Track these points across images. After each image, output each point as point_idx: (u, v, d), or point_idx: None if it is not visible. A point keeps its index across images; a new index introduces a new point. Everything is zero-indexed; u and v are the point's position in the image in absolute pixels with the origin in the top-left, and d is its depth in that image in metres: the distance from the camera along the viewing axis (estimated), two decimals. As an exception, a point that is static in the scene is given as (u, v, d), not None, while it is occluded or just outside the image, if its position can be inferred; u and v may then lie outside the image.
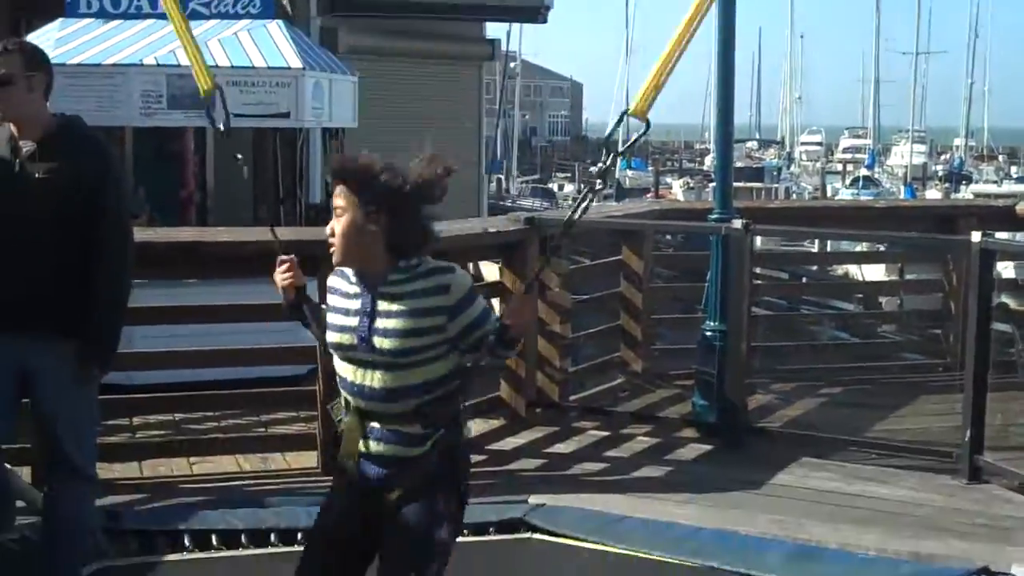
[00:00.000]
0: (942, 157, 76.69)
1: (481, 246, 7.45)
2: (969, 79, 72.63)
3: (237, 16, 11.91)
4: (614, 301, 8.54)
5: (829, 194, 53.11)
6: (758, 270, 11.82)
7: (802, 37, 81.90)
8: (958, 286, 8.76)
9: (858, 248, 13.87)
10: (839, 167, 69.44)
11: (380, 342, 4.18)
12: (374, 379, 4.24)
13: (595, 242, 10.95)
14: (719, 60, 7.51)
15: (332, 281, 4.38)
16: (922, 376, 9.03)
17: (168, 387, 7.03)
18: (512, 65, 55.60)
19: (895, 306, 11.33)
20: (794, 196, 52.29)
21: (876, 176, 60.72)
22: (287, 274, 4.47)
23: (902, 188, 54.49)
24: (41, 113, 4.53)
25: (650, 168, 67.85)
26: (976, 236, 6.33)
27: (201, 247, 6.34)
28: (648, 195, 48.52)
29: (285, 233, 7.84)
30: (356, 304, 4.26)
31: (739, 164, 49.20)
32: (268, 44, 11.46)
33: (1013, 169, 73.29)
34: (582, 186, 60.17)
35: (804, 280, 14.16)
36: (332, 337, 4.32)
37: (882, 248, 11.01)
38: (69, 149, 4.48)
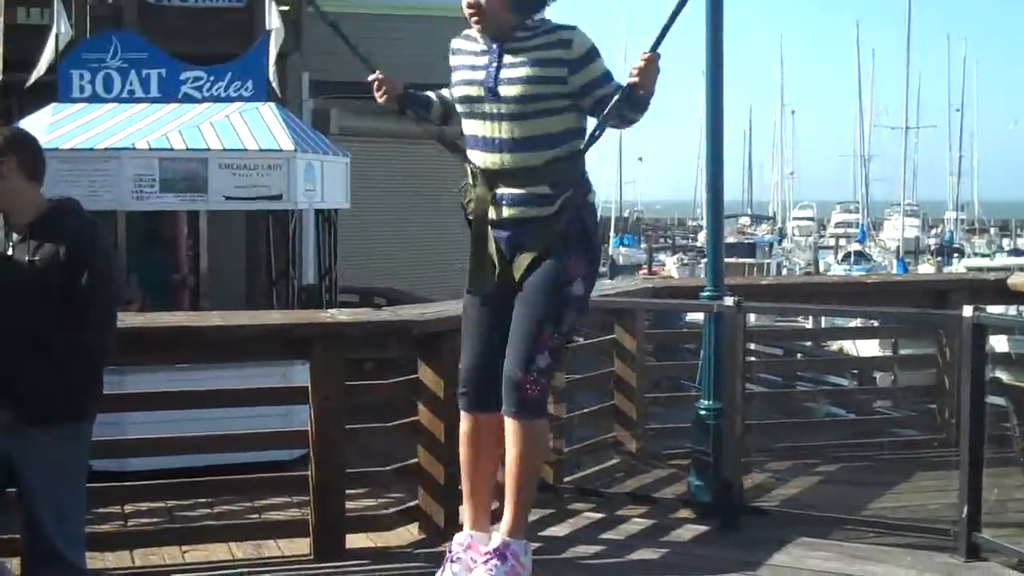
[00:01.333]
0: (934, 231, 76.98)
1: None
2: (956, 153, 73.10)
3: (229, 99, 11.99)
4: (608, 380, 8.52)
5: (822, 269, 53.17)
6: (752, 346, 11.82)
7: (793, 113, 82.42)
8: (952, 361, 8.74)
9: (851, 324, 13.89)
10: (831, 242, 69.63)
11: (506, 90, 4.48)
12: (502, 129, 4.52)
13: (588, 320, 10.94)
14: (708, 136, 7.54)
15: (457, 43, 4.78)
16: (918, 452, 8.98)
17: (161, 473, 6.97)
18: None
19: (889, 382, 11.28)
20: (786, 271, 52.40)
21: (868, 250, 60.88)
22: (380, 91, 4.99)
23: (894, 262, 54.63)
24: (24, 197, 4.50)
25: (643, 245, 68.00)
26: (968, 311, 6.31)
27: (193, 332, 6.30)
28: (641, 272, 48.56)
29: (277, 316, 7.86)
30: (483, 60, 4.59)
31: (731, 240, 49.34)
32: (260, 127, 11.52)
33: (1005, 242, 73.56)
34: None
35: (798, 356, 14.10)
36: (459, 91, 4.66)
37: (875, 323, 11.02)
38: (57, 232, 4.46)
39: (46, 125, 10.98)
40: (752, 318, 17.05)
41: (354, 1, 17.18)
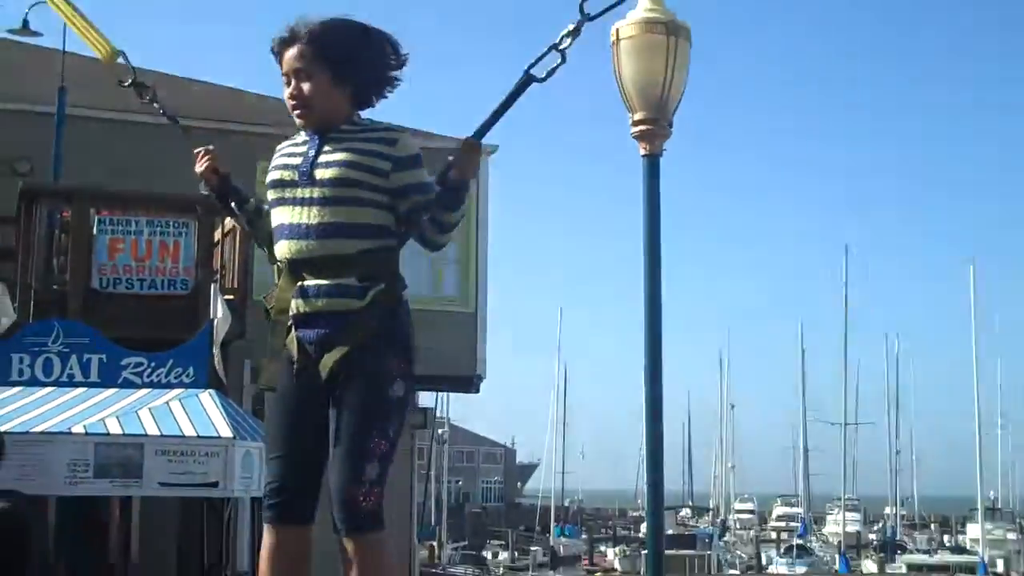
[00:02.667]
0: (876, 526, 76.94)
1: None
2: (895, 450, 73.79)
3: (170, 386, 11.97)
4: None
5: (764, 563, 52.83)
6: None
7: (733, 407, 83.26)
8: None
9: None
10: (773, 535, 69.41)
11: (322, 173, 4.23)
12: (311, 215, 4.22)
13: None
14: (647, 425, 7.62)
15: (283, 144, 4.49)
16: None
17: None
18: (440, 431, 55.96)
19: None
20: (726, 565, 51.97)
21: (810, 544, 60.65)
22: (206, 158, 4.52)
23: (837, 557, 54.38)
24: None
25: (583, 536, 67.45)
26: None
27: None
28: (583, 562, 48.00)
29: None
30: (302, 148, 4.36)
31: (671, 531, 49.01)
32: (199, 413, 11.48)
33: (946, 538, 73.53)
34: (516, 553, 59.25)
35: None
36: (273, 175, 4.36)
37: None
38: None
39: (-19, 408, 10.89)
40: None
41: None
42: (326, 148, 4.29)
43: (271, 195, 4.40)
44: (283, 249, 4.32)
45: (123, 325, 12.70)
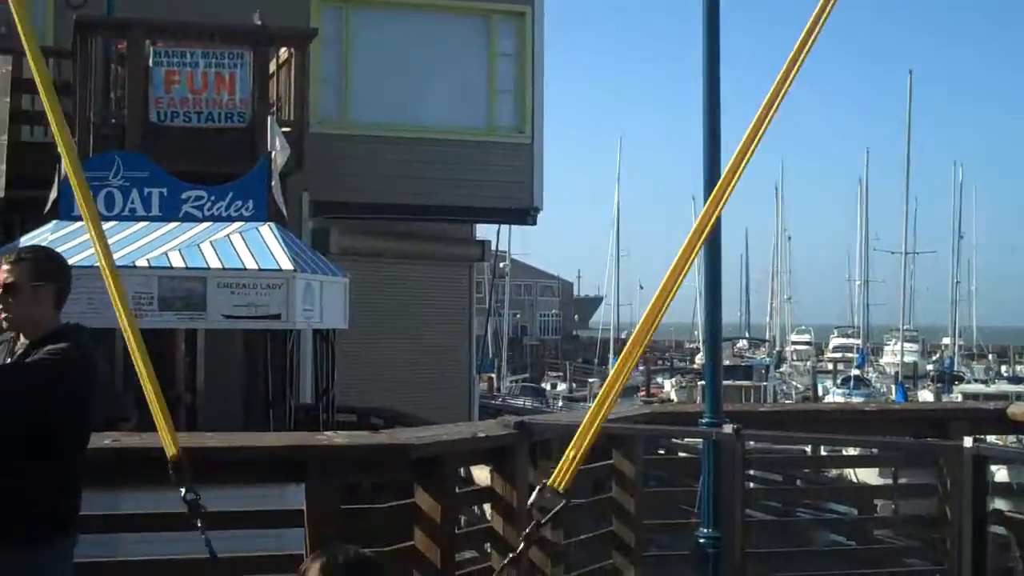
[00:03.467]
0: (933, 357, 77.00)
1: (471, 451, 7.34)
2: (955, 280, 73.30)
3: (231, 219, 12.03)
4: (606, 506, 8.42)
5: (820, 393, 53.10)
6: (751, 472, 11.71)
7: (790, 239, 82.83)
8: (952, 491, 8.66)
9: (851, 452, 13.80)
10: (829, 366, 69.63)
11: None
12: None
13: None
14: (707, 263, 7.57)
15: None
16: (920, 582, 8.87)
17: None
18: (502, 265, 56.17)
19: (890, 511, 11.16)
20: (781, 396, 52.31)
21: (866, 376, 60.82)
22: None
23: (893, 387, 54.55)
24: (44, 321, 4.50)
25: (641, 367, 67.99)
26: (968, 441, 6.26)
27: (188, 452, 6.23)
28: (640, 394, 48.46)
29: (272, 439, 7.78)
30: None
31: (728, 362, 49.32)
32: (260, 246, 11.55)
33: (1003, 368, 73.56)
34: (574, 384, 59.63)
35: (798, 483, 13.97)
36: None
37: (875, 452, 10.97)
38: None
39: (48, 242, 10.97)
40: (751, 444, 16.96)
41: (350, 122, 17.39)
42: None
43: None
44: None
45: (181, 158, 12.72)
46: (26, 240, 11.37)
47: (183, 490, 4.94)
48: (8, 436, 4.30)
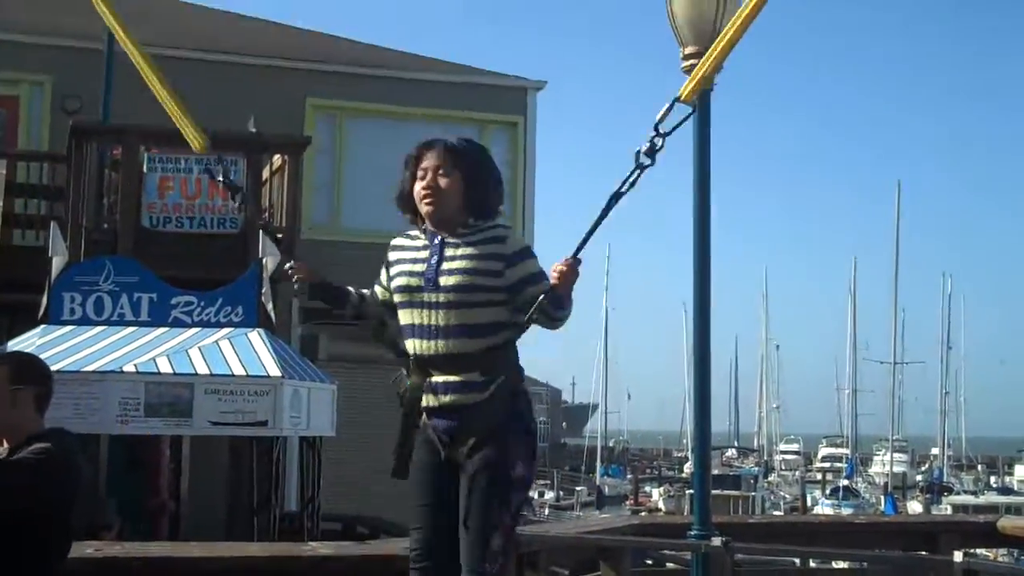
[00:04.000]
0: (922, 467, 76.70)
1: None
2: (944, 390, 73.24)
3: (219, 325, 12.02)
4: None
5: (809, 504, 52.83)
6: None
7: (778, 348, 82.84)
8: (944, 606, 8.59)
9: (841, 566, 13.67)
10: (818, 476, 69.29)
11: (446, 280, 4.69)
12: (438, 317, 4.68)
13: (573, 557, 10.76)
14: (696, 370, 7.58)
15: (397, 241, 4.99)
16: None
17: None
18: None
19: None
20: (770, 506, 52.01)
21: (856, 486, 60.51)
22: (299, 274, 5.09)
23: (883, 498, 54.26)
24: (25, 425, 4.46)
25: (629, 476, 67.69)
26: (958, 556, 6.24)
27: (172, 563, 6.19)
28: (628, 502, 48.21)
29: (256, 549, 7.71)
30: (424, 254, 4.82)
31: (717, 471, 49.07)
32: (248, 353, 11.53)
33: (992, 479, 73.25)
34: (561, 493, 59.15)
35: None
36: (399, 282, 4.84)
37: (864, 566, 10.88)
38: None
39: (35, 346, 10.96)
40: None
41: (341, 228, 17.44)
42: (447, 253, 4.76)
43: (398, 298, 4.87)
44: (413, 347, 4.78)
45: (173, 264, 12.75)
46: (13, 344, 11.35)
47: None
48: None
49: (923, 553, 9.00)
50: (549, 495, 60.99)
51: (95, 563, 5.75)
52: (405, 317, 4.83)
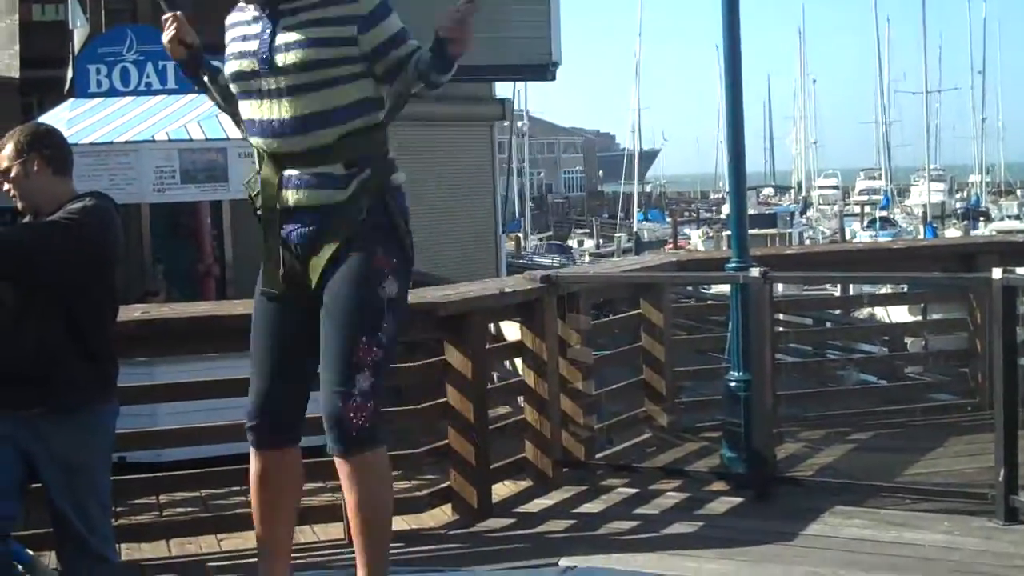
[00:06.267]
0: (960, 195, 76.52)
1: (499, 307, 7.37)
2: (980, 116, 72.46)
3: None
4: (636, 356, 8.48)
5: (848, 236, 52.96)
6: (780, 316, 11.73)
7: (815, 82, 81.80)
8: (982, 324, 8.68)
9: (880, 290, 13.80)
10: (856, 209, 69.28)
11: (283, 58, 3.84)
12: (282, 109, 3.87)
13: (614, 296, 10.91)
14: (728, 107, 7.50)
15: (230, 18, 4.14)
16: (952, 417, 8.93)
17: (195, 463, 6.97)
18: (520, 124, 55.77)
19: (920, 347, 11.19)
20: (808, 241, 52.20)
21: (893, 216, 60.55)
22: (172, 26, 4.18)
23: (921, 227, 54.34)
24: (50, 189, 4.46)
25: (668, 220, 67.81)
26: (997, 273, 6.25)
27: (217, 321, 6.30)
28: (668, 247, 48.43)
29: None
30: (256, 28, 3.96)
31: (753, 211, 49.11)
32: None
33: (1033, 203, 73.15)
34: (601, 240, 59.65)
35: (827, 325, 14.01)
36: (231, 67, 4.02)
37: (904, 289, 10.96)
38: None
39: (65, 120, 10.95)
40: (779, 288, 17.03)
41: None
42: (282, 27, 3.88)
43: (234, 88, 4.06)
44: (258, 144, 4.01)
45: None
46: (43, 119, 11.35)
47: None
48: (40, 301, 4.32)
49: (962, 273, 9.04)
50: (589, 243, 61.35)
51: (143, 324, 5.86)
52: (245, 110, 4.03)
